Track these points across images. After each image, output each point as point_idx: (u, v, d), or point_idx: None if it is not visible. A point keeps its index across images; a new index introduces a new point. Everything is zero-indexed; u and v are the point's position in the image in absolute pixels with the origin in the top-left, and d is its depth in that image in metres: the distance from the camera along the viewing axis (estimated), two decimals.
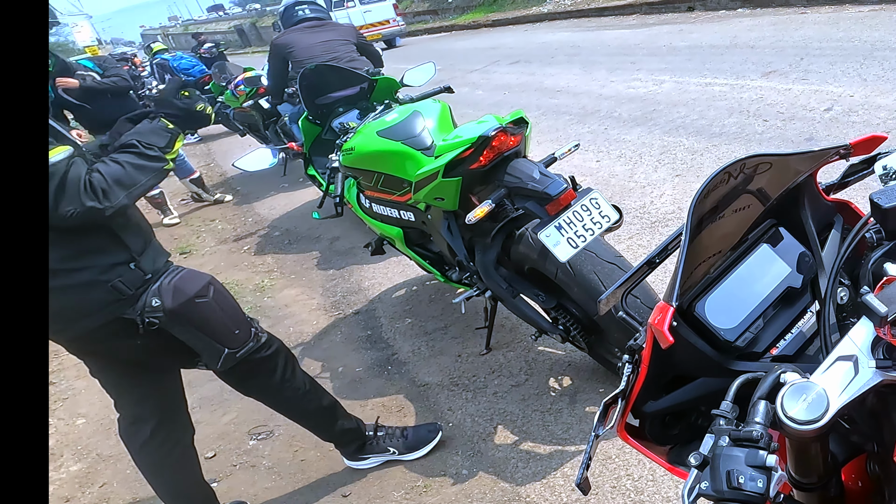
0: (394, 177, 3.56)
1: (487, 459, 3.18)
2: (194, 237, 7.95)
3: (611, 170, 6.01)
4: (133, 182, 2.41)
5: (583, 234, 2.75)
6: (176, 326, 2.51)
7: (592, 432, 1.21)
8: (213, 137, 14.51)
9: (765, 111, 6.29)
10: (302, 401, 3.03)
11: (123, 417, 2.82)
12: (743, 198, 1.25)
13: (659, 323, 1.12)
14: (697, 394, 1.28)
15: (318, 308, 5.23)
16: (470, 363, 3.91)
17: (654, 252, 1.38)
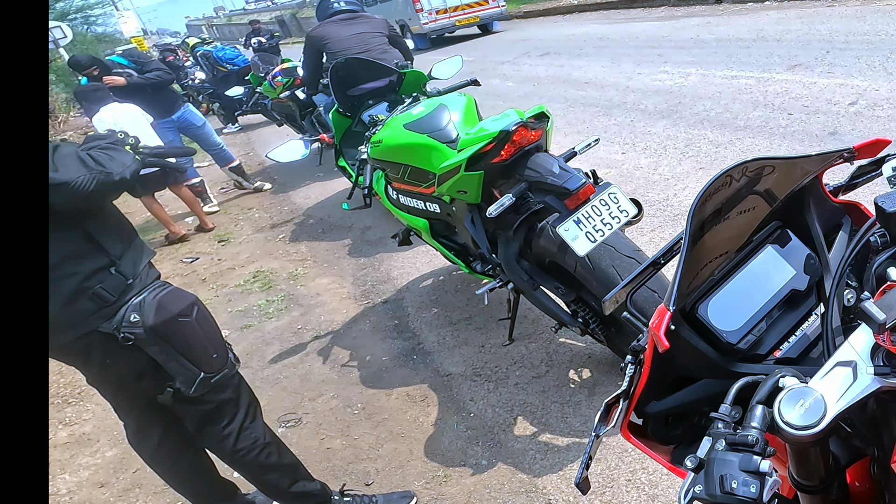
0: (420, 169, 3.54)
1: (507, 450, 3.16)
2: (232, 225, 7.98)
3: (636, 162, 5.94)
4: (122, 161, 2.32)
5: (601, 229, 2.72)
6: (154, 345, 2.33)
7: (593, 432, 1.18)
8: (253, 127, 14.55)
9: (789, 105, 6.18)
10: (261, 453, 2.69)
11: (128, 425, 2.71)
12: (749, 199, 1.22)
13: (656, 327, 1.09)
14: (700, 395, 1.25)
15: (349, 297, 5.23)
16: (492, 354, 3.89)
17: (659, 253, 1.35)
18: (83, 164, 2.18)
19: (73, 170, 2.13)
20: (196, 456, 2.82)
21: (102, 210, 2.38)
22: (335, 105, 5.35)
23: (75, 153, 2.19)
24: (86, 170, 2.16)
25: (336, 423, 3.69)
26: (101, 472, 3.84)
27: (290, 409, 3.90)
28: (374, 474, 3.26)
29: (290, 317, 5.16)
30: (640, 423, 1.29)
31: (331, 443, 3.55)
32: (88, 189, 2.15)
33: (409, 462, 3.27)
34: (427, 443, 3.36)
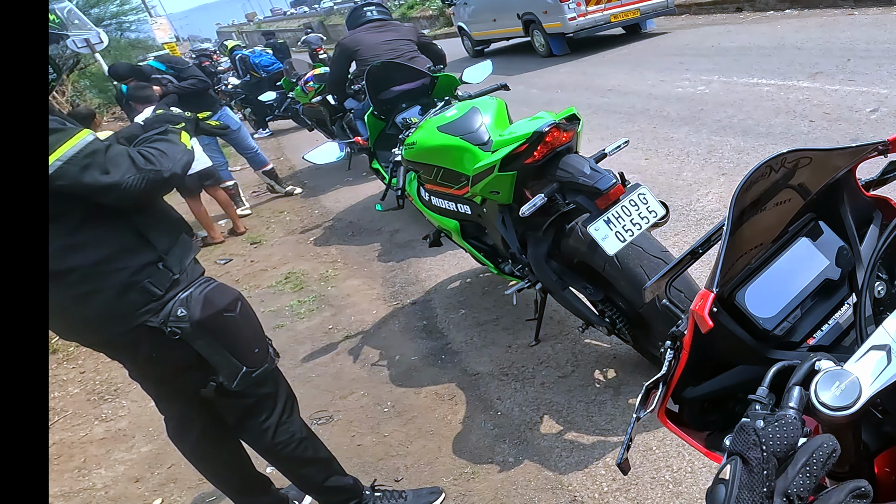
0: (452, 171, 3.55)
1: (533, 448, 3.15)
2: (264, 228, 8.03)
3: (659, 168, 5.91)
4: (174, 156, 2.31)
5: (630, 229, 2.71)
6: (199, 339, 2.34)
7: (634, 414, 1.20)
8: (283, 132, 14.65)
9: (811, 112, 6.12)
10: (297, 448, 2.70)
11: (169, 419, 2.73)
12: (784, 192, 1.23)
13: (700, 308, 1.10)
14: (735, 381, 1.26)
15: (378, 298, 5.23)
16: (519, 354, 3.87)
17: (698, 242, 1.36)
18: (134, 163, 2.17)
19: (124, 170, 2.13)
20: (234, 450, 2.83)
21: (153, 205, 2.38)
22: (370, 108, 5.37)
23: (126, 152, 2.19)
24: (136, 170, 2.15)
25: (366, 421, 3.70)
26: (136, 468, 3.86)
27: (322, 406, 3.91)
28: (404, 470, 3.26)
29: (322, 317, 5.17)
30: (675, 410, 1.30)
31: (361, 439, 3.56)
32: (139, 189, 2.15)
33: (438, 459, 3.27)
34: (455, 440, 3.36)
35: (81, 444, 4.25)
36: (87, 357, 5.40)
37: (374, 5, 6.59)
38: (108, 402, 4.68)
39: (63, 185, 2.02)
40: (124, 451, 4.05)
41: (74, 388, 5.04)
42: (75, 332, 2.34)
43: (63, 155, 2.02)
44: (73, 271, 2.15)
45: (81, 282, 2.17)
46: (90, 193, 2.10)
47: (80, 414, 4.62)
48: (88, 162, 2.06)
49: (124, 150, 2.20)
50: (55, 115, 2.12)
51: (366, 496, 2.92)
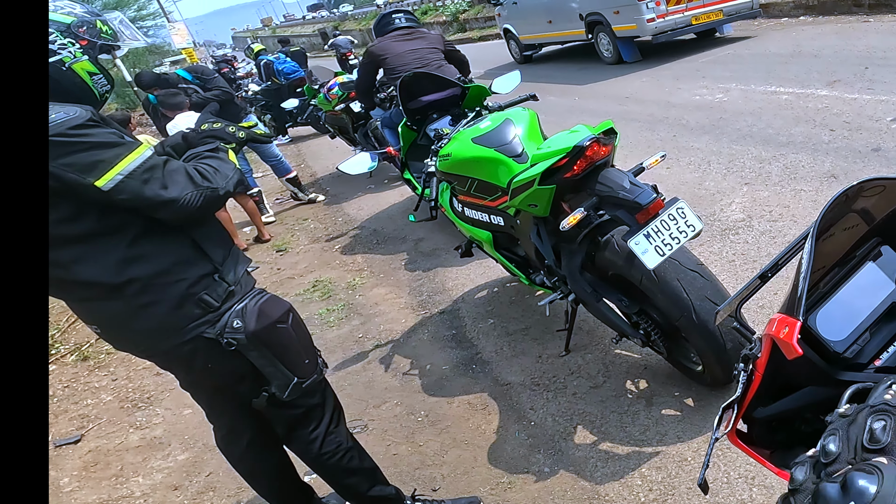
0: (486, 182, 3.58)
1: (568, 458, 3.17)
2: (289, 235, 8.08)
3: (681, 177, 5.92)
4: (226, 174, 2.34)
5: (669, 243, 2.73)
6: (254, 350, 2.35)
7: (712, 436, 1.27)
8: (303, 139, 14.68)
9: (831, 121, 6.12)
10: (343, 457, 2.72)
11: (218, 429, 2.78)
12: (849, 217, 1.27)
13: (787, 336, 1.13)
14: (804, 401, 1.31)
15: (406, 307, 5.26)
16: (550, 364, 3.90)
17: (767, 267, 1.40)
18: (191, 180, 2.19)
19: (182, 186, 2.15)
20: (280, 459, 2.86)
21: (207, 218, 2.40)
22: (403, 119, 5.38)
23: (184, 169, 2.21)
24: (193, 186, 2.18)
25: (401, 430, 3.73)
26: (174, 475, 3.90)
27: (356, 415, 3.93)
28: (441, 480, 3.29)
29: (351, 325, 5.21)
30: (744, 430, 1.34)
31: (397, 449, 3.59)
32: (196, 205, 2.17)
33: (474, 468, 3.30)
34: (490, 450, 3.38)
35: (117, 451, 4.29)
36: (119, 364, 5.45)
37: (402, 12, 6.62)
38: (142, 410, 4.72)
39: (123, 199, 2.05)
40: (161, 458, 4.09)
41: (107, 395, 5.08)
42: (133, 343, 2.37)
43: (124, 169, 2.04)
44: (132, 283, 2.17)
45: (140, 294, 2.19)
46: (149, 208, 2.12)
47: (115, 422, 4.67)
48: (148, 177, 2.09)
49: (182, 167, 2.22)
50: (114, 128, 2.14)
51: None
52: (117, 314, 2.22)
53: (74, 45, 2.17)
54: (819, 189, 4.86)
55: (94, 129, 2.02)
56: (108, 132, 2.07)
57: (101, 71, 2.27)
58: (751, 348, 1.31)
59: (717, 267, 4.22)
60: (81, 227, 2.08)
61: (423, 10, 31.71)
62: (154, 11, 27.93)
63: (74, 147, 1.96)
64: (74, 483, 4.06)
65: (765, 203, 4.93)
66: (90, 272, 2.12)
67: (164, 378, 4.93)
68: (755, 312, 3.57)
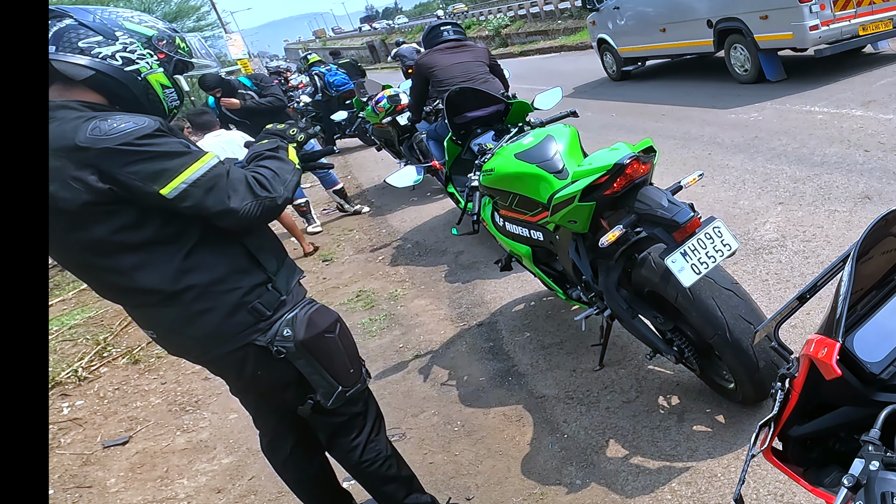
0: (528, 198, 3.61)
1: (599, 471, 3.20)
2: (335, 245, 8.17)
3: (715, 195, 5.91)
4: (285, 178, 2.37)
5: (706, 262, 2.75)
6: (301, 359, 2.40)
7: (749, 452, 1.29)
8: (350, 150, 14.81)
9: (865, 141, 6.07)
10: (383, 465, 2.76)
11: (263, 434, 2.84)
12: (888, 241, 1.29)
13: (826, 357, 1.17)
14: (839, 421, 1.33)
15: (445, 318, 5.32)
16: (584, 378, 3.92)
17: (806, 288, 1.43)
18: (251, 190, 2.22)
19: (242, 196, 2.19)
20: (322, 465, 2.93)
21: (262, 228, 2.46)
22: (448, 134, 5.42)
23: (245, 178, 2.24)
24: (253, 196, 2.21)
25: (437, 439, 3.78)
26: (217, 479, 3.98)
27: (395, 424, 3.99)
28: (475, 489, 3.33)
29: (392, 335, 5.28)
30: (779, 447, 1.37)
31: (433, 458, 3.64)
32: (255, 215, 2.22)
33: (507, 479, 3.33)
34: (524, 461, 3.42)
35: (164, 453, 4.40)
36: (169, 368, 5.57)
37: (450, 25, 6.65)
38: (189, 413, 4.83)
39: (186, 207, 2.10)
40: (206, 461, 4.18)
41: (156, 398, 5.20)
42: (187, 349, 2.43)
43: (188, 178, 2.09)
44: (189, 291, 2.23)
45: (196, 301, 2.25)
46: (210, 216, 2.17)
47: (162, 424, 4.78)
48: (212, 186, 2.13)
49: (243, 176, 2.26)
50: (180, 137, 2.20)
51: None
52: (174, 320, 2.29)
53: (152, 57, 2.24)
54: (853, 210, 4.82)
55: (161, 139, 2.08)
56: (175, 142, 2.13)
57: (173, 85, 2.34)
58: (788, 368, 1.33)
59: (750, 286, 4.22)
60: (143, 235, 2.14)
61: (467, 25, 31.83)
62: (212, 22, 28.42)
63: (141, 156, 2.02)
64: (121, 484, 4.17)
65: (798, 223, 4.91)
66: (150, 279, 2.18)
67: (211, 382, 5.04)
68: (787, 332, 3.57)
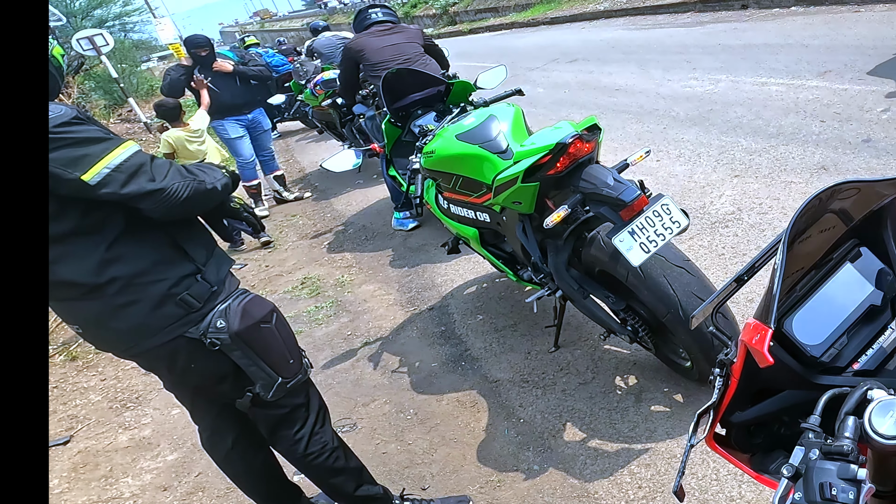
0: (471, 179, 3.57)
1: (557, 456, 3.19)
2: (277, 232, 8.05)
3: (670, 169, 5.94)
4: (214, 175, 2.38)
5: (654, 239, 2.74)
6: (237, 350, 2.37)
7: (687, 442, 1.26)
8: (291, 134, 14.65)
9: (821, 112, 6.13)
10: (329, 457, 2.73)
11: (203, 429, 2.78)
12: (826, 218, 1.27)
13: (758, 343, 1.14)
14: (781, 405, 1.31)
15: (395, 303, 5.27)
16: (539, 360, 3.91)
17: (743, 270, 1.39)
18: (179, 172, 2.23)
19: (169, 177, 2.18)
20: (266, 459, 2.88)
21: (189, 219, 2.42)
22: (386, 116, 5.37)
23: (170, 163, 2.25)
24: (180, 177, 2.21)
25: (390, 429, 3.74)
26: (163, 476, 3.90)
27: (345, 414, 3.95)
28: (430, 479, 3.30)
29: (340, 323, 5.22)
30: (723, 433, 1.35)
31: (386, 447, 3.60)
32: (182, 196, 2.19)
33: (463, 467, 3.31)
34: (479, 448, 3.40)
35: (107, 452, 4.29)
36: (108, 364, 5.44)
37: (379, 7, 6.53)
38: (131, 410, 4.72)
39: (108, 193, 2.07)
40: (150, 459, 4.09)
41: (96, 395, 5.07)
42: (112, 343, 2.38)
43: (111, 162, 2.06)
44: (112, 283, 2.18)
45: (120, 293, 2.20)
46: (135, 200, 2.13)
47: (104, 422, 4.66)
48: (135, 171, 2.11)
49: (168, 162, 2.25)
50: (99, 125, 2.16)
51: None
52: (98, 314, 2.23)
53: None
54: (809, 181, 4.87)
55: (80, 127, 2.05)
56: (94, 129, 2.10)
57: None
58: (726, 353, 1.31)
59: (706, 261, 4.24)
60: (63, 227, 2.09)
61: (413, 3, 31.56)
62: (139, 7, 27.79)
63: (61, 143, 1.99)
64: (64, 484, 4.06)
65: (755, 195, 4.95)
66: (71, 272, 2.14)
67: (152, 378, 4.89)
68: (744, 307, 3.59)
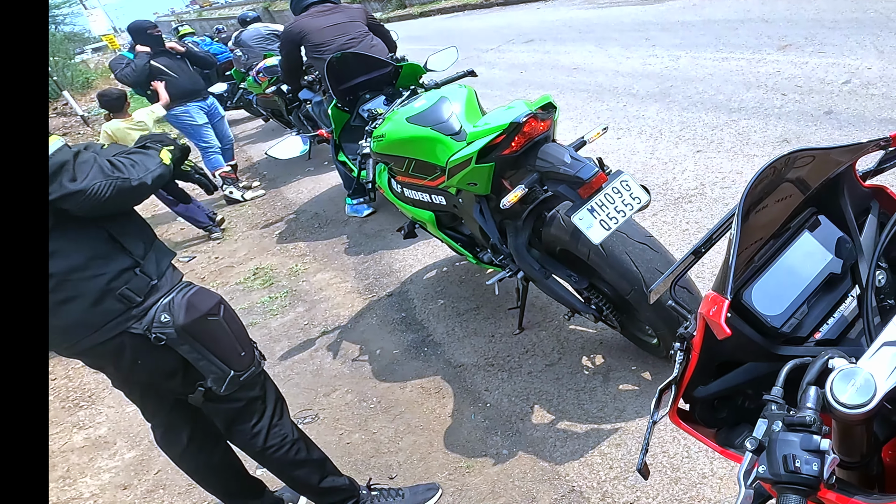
0: (424, 162, 3.55)
1: (526, 439, 3.20)
2: (226, 222, 7.94)
3: (632, 146, 5.96)
4: (146, 166, 2.34)
5: (615, 216, 2.74)
6: (185, 344, 2.36)
7: (650, 419, 1.25)
8: (237, 122, 14.42)
9: (782, 85, 6.21)
10: (290, 450, 2.73)
11: (156, 426, 2.75)
12: (783, 187, 1.27)
13: (715, 315, 1.14)
14: (744, 378, 1.31)
15: (352, 291, 5.25)
16: (503, 343, 3.92)
17: (700, 242, 1.39)
18: (102, 171, 2.19)
19: (91, 177, 2.14)
20: (224, 454, 2.86)
21: (126, 212, 2.39)
22: (333, 101, 5.32)
23: (94, 159, 2.20)
24: (103, 177, 2.17)
25: (353, 418, 3.72)
26: (122, 475, 3.85)
27: (306, 405, 3.93)
28: (397, 467, 3.30)
29: (296, 313, 5.18)
30: (686, 409, 1.35)
31: (350, 437, 3.59)
32: (104, 196, 2.16)
33: (431, 454, 3.31)
34: (446, 434, 3.40)
35: (62, 452, 4.22)
36: (57, 363, 5.32)
37: None
38: (84, 409, 4.64)
39: None
40: (108, 458, 4.04)
41: None
42: (54, 341, 2.34)
43: None
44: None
45: (56, 290, 2.18)
46: (56, 201, 2.10)
47: (57, 422, 4.57)
48: (56, 168, 2.09)
49: (92, 157, 2.22)
50: None
51: (362, 495, 2.95)
52: None
53: None
54: (772, 154, 4.89)
55: None
56: None
57: None
58: (686, 327, 1.31)
59: (670, 236, 4.28)
60: None
61: None
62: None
63: None
64: None
65: (717, 170, 5.01)
66: None
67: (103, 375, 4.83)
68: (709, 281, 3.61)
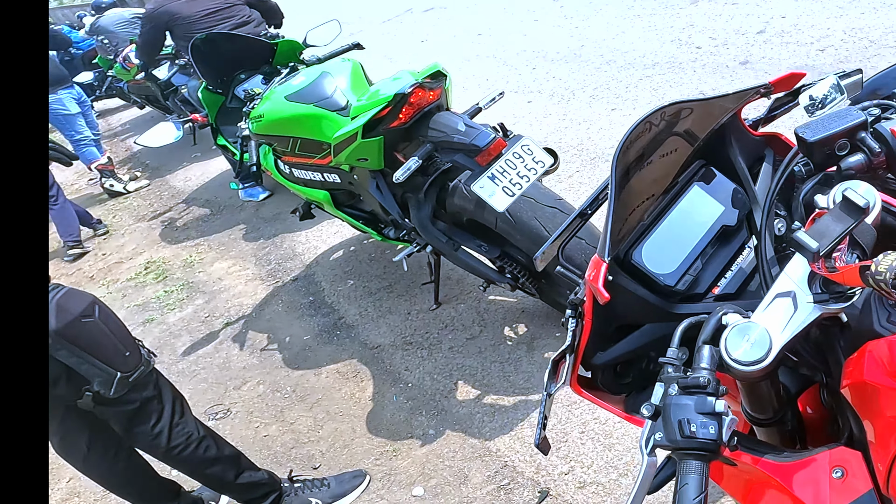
0: (311, 140, 3.49)
1: (452, 417, 3.17)
2: (110, 216, 7.64)
3: (544, 109, 5.95)
4: None
5: (518, 182, 2.72)
6: (62, 349, 2.28)
7: (544, 391, 1.22)
8: (112, 111, 13.91)
9: (696, 38, 6.28)
10: (198, 448, 2.67)
11: (52, 435, 2.63)
12: (669, 141, 1.25)
13: (593, 279, 1.12)
14: (646, 340, 1.29)
15: (254, 278, 5.11)
16: (420, 320, 3.87)
17: (585, 204, 1.39)
18: None
19: None
20: (129, 458, 2.76)
21: None
22: (202, 84, 5.14)
23: None
24: None
25: (268, 410, 3.63)
26: None
27: (216, 400, 3.81)
28: (320, 457, 3.23)
29: (194, 305, 5.02)
30: (588, 376, 1.31)
31: (267, 430, 3.49)
32: None
33: (354, 440, 3.24)
34: (368, 419, 3.34)
35: None
36: None
37: None
38: None
39: None
40: None
41: None
42: None
43: None
44: None
45: None
46: None
47: None
48: None
49: None
50: None
51: (285, 488, 2.90)
52: None
53: None
54: None
55: None
56: None
57: None
58: (576, 292, 1.28)
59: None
60: None
61: None
62: None
63: None
64: None
65: None
66: None
67: None
68: None
